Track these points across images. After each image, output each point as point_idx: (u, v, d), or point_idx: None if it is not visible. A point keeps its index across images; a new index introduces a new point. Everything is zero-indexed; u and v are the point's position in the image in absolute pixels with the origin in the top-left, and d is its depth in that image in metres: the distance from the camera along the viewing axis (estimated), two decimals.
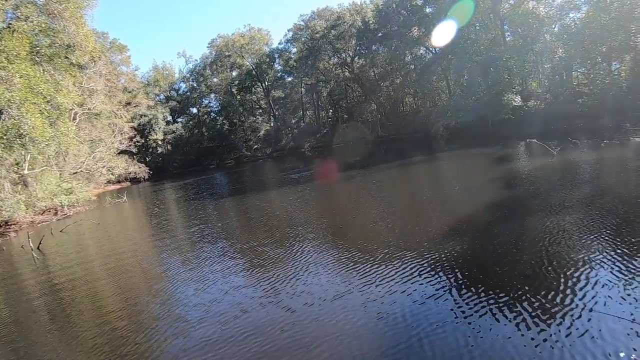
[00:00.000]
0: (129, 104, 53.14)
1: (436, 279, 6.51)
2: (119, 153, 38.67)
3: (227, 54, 64.24)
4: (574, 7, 28.63)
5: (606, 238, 7.07)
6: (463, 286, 6.12)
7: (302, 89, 65.39)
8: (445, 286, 6.18)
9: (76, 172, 31.15)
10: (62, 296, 8.92)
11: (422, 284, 6.39)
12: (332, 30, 52.59)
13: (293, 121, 69.30)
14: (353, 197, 16.58)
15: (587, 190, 11.01)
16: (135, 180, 47.53)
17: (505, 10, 33.59)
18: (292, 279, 7.61)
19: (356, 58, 57.39)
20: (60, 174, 27.98)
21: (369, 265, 7.57)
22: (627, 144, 17.68)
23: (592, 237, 7.24)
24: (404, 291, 6.21)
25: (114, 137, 36.96)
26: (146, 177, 45.59)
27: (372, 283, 6.73)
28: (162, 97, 70.58)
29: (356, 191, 17.90)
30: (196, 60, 69.90)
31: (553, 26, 30.35)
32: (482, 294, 5.72)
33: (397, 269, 7.17)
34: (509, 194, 12.18)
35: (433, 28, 45.04)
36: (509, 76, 35.93)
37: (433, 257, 7.48)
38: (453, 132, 39.05)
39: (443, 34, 35.02)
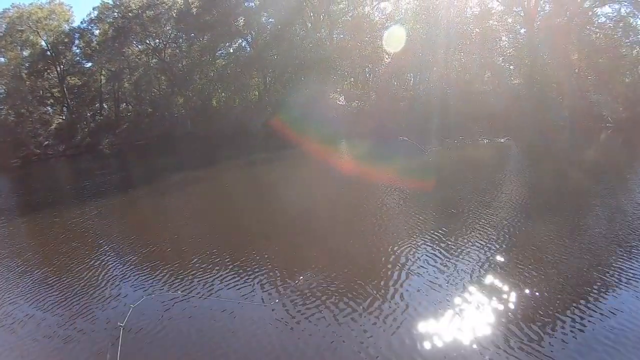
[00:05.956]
0: None
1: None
2: None
3: (20, 28, 49.77)
4: (400, 20, 31.46)
5: None
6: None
7: (103, 77, 55.88)
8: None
9: None
10: None
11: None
12: (148, 11, 45.79)
13: (89, 114, 58.76)
14: (166, 208, 13.81)
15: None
16: None
17: (337, 13, 34.68)
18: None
19: (168, 45, 51.67)
20: None
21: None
22: (478, 144, 20.04)
23: None
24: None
25: None
26: None
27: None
28: None
29: (170, 200, 15.04)
30: None
31: (383, 32, 32.71)
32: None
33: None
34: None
35: (255, 22, 44.05)
36: (334, 76, 37.43)
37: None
38: (272, 129, 38.62)
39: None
